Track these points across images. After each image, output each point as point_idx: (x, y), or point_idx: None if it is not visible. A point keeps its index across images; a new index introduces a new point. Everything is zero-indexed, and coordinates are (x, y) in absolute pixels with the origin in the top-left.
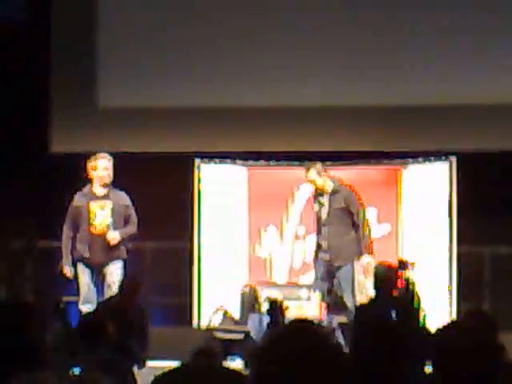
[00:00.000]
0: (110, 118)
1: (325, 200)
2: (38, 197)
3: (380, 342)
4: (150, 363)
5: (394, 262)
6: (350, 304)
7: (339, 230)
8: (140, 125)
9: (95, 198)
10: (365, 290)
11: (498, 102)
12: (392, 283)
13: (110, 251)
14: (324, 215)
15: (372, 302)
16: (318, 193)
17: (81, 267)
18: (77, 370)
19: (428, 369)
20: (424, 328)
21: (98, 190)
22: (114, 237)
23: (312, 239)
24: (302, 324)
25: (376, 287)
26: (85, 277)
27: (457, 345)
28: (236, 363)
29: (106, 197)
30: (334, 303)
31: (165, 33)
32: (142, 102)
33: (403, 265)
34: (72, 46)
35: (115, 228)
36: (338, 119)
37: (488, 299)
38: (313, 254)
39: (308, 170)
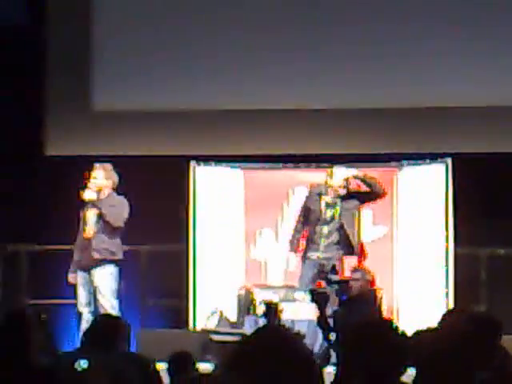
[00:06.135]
0: (105, 121)
1: (336, 201)
2: (29, 199)
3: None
4: None
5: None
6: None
7: (345, 232)
8: (135, 128)
9: (87, 204)
10: None
11: (494, 104)
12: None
13: (95, 253)
14: (329, 214)
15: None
16: (327, 192)
17: (77, 271)
18: (84, 363)
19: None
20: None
21: (86, 194)
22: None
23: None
24: (268, 329)
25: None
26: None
27: (448, 349)
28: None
29: (91, 200)
30: None
31: (160, 36)
32: (136, 106)
33: None
34: (67, 49)
35: (102, 231)
36: (334, 122)
37: (485, 301)
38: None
39: (333, 174)
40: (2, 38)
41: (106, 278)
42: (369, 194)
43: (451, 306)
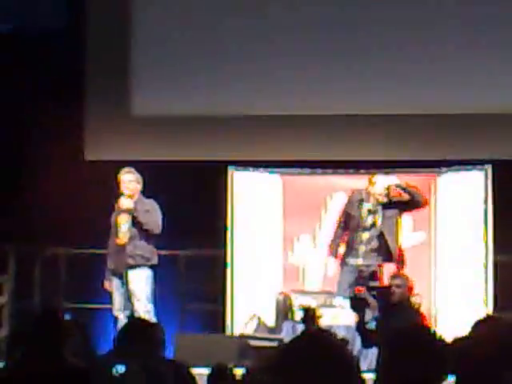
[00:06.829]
0: (144, 126)
1: (377, 208)
2: (69, 203)
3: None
4: None
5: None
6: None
7: (385, 239)
8: (174, 133)
9: (121, 211)
10: None
11: None
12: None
13: (130, 259)
14: (370, 221)
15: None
16: (369, 199)
17: (111, 277)
18: (121, 368)
19: None
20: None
21: (124, 203)
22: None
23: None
24: (315, 334)
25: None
26: (115, 285)
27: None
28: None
29: (129, 210)
30: None
31: (199, 42)
32: (175, 111)
33: None
34: (106, 54)
35: (136, 237)
36: (373, 128)
37: None
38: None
39: (374, 182)
40: (41, 43)
41: (140, 283)
42: (409, 203)
43: (490, 313)
